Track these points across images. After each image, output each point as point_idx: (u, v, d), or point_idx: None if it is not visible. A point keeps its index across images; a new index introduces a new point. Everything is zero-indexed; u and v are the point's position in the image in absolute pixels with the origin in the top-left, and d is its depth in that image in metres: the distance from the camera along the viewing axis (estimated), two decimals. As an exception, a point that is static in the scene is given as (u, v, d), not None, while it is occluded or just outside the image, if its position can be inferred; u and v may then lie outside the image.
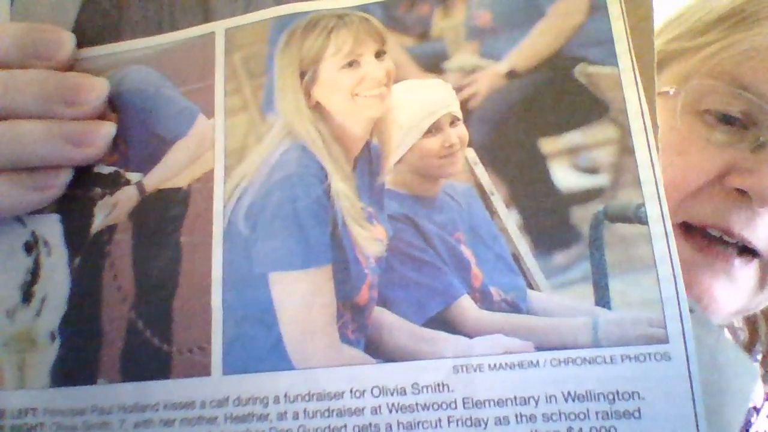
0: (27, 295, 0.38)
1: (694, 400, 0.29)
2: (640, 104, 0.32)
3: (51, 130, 0.36)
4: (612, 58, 0.33)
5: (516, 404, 0.30)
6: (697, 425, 0.29)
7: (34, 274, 0.38)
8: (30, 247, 0.38)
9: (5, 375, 0.37)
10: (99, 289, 0.37)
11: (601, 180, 0.32)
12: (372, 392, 0.32)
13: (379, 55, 0.35)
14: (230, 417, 0.33)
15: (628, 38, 0.33)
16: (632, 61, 0.33)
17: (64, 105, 0.36)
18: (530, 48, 0.35)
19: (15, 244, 0.38)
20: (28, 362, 0.37)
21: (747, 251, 0.51)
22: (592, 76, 0.33)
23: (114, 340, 0.36)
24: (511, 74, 0.35)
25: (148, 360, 0.35)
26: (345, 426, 0.32)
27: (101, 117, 0.38)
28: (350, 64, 0.35)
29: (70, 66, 0.39)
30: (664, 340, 0.30)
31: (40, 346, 0.37)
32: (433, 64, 0.36)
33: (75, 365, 0.36)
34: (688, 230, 0.51)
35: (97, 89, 0.37)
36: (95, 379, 0.36)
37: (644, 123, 0.32)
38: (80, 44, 0.40)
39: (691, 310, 0.30)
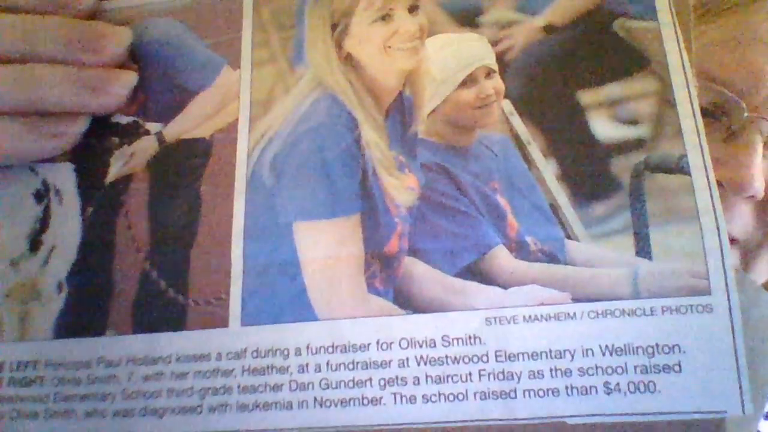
0: (34, 245, 0.36)
1: (736, 354, 0.28)
2: (681, 58, 0.32)
3: (69, 75, 0.35)
4: (652, 13, 0.33)
5: (551, 357, 0.29)
6: (740, 379, 0.28)
7: (43, 223, 0.36)
8: (40, 196, 0.37)
9: (5, 327, 0.35)
10: (111, 239, 0.36)
11: (641, 131, 0.32)
12: (400, 344, 0.31)
13: (412, 9, 0.35)
14: (248, 369, 0.31)
15: None
16: (672, 15, 0.32)
17: (85, 52, 0.35)
18: (568, 3, 0.34)
19: (24, 192, 0.37)
20: (31, 313, 0.35)
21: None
22: (632, 30, 0.33)
23: (125, 290, 0.34)
24: (548, 28, 0.34)
25: (162, 311, 0.33)
26: (370, 379, 0.30)
27: (122, 67, 0.37)
28: (383, 18, 0.35)
29: (92, 18, 0.38)
30: (707, 292, 0.29)
31: (45, 296, 0.35)
32: (467, 19, 0.35)
33: (82, 316, 0.34)
34: None
35: (120, 37, 0.37)
36: (103, 331, 0.34)
37: (686, 77, 0.31)
38: (104, -5, 0.39)
39: None
